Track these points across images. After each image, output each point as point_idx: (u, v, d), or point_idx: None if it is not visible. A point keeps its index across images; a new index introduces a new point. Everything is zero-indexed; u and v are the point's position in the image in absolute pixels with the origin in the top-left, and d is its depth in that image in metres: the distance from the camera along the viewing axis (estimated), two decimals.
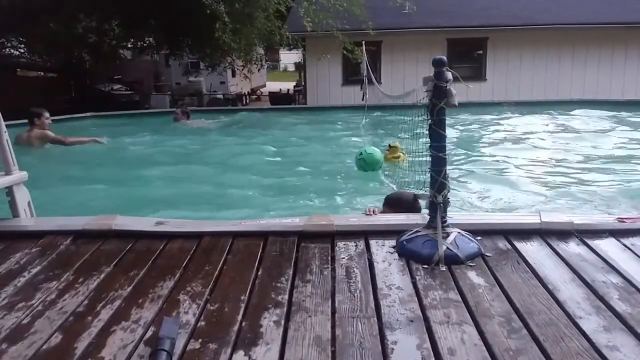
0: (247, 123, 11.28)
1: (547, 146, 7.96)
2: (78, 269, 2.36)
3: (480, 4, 17.66)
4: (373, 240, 2.57)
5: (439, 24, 16.25)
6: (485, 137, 8.97)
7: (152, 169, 6.66)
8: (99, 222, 2.77)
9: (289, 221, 2.83)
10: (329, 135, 9.51)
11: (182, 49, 16.48)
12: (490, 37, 16.41)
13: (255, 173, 6.48)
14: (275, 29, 14.67)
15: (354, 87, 13.64)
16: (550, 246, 2.48)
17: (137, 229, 2.74)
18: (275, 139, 9.09)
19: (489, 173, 6.31)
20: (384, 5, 15.40)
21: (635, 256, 2.36)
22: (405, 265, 2.31)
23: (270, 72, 40.09)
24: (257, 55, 17.74)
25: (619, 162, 6.79)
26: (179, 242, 2.61)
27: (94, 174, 6.44)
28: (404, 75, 15.62)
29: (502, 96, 14.75)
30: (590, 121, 10.05)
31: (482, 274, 2.21)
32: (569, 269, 2.24)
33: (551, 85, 15.60)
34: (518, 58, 16.25)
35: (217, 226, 2.82)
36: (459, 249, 2.34)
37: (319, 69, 16.56)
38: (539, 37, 15.99)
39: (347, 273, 2.24)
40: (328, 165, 6.92)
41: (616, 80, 15.82)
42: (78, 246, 2.62)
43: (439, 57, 2.33)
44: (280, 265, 2.33)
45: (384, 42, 16.24)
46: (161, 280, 2.21)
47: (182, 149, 8.17)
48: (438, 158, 2.40)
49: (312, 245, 2.53)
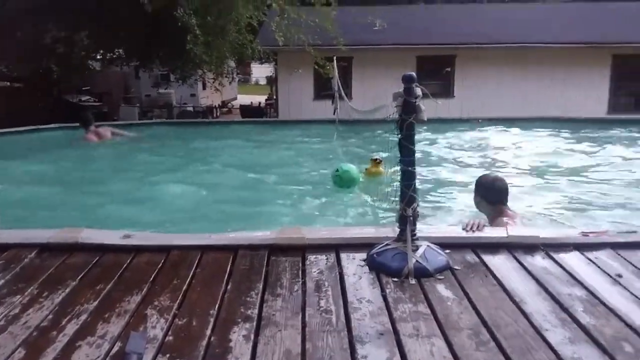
0: (204, 135, 11.23)
1: (513, 161, 8.11)
2: (43, 282, 2.30)
3: (449, 22, 18.04)
4: (344, 253, 2.58)
5: (409, 42, 16.52)
6: (453, 152, 9.10)
7: (118, 181, 6.56)
8: (64, 235, 2.71)
9: (259, 234, 2.81)
10: (301, 148, 9.53)
11: (152, 61, 16.36)
12: (458, 54, 16.73)
13: (225, 185, 6.44)
14: (247, 42, 14.70)
15: (325, 102, 13.72)
16: (517, 259, 2.52)
17: (104, 242, 2.69)
18: (246, 151, 9.07)
19: (457, 187, 6.39)
20: (355, 22, 15.57)
21: (599, 270, 2.41)
22: (375, 278, 2.32)
23: (242, 85, 39.99)
24: (228, 68, 17.74)
25: (583, 177, 6.95)
26: (147, 256, 2.58)
27: (60, 184, 6.32)
28: (375, 91, 15.74)
29: (470, 113, 15.01)
30: (555, 138, 10.29)
31: (451, 286, 2.24)
32: (535, 282, 2.29)
33: (518, 103, 15.93)
34: (485, 76, 16.58)
35: (186, 239, 2.79)
36: (428, 262, 2.36)
37: (291, 83, 16.62)
38: (505, 56, 16.37)
39: (317, 287, 2.24)
40: (299, 177, 6.92)
41: (580, 99, 16.27)
42: (43, 259, 2.56)
43: (408, 74, 2.37)
44: (250, 279, 2.31)
45: (355, 58, 16.41)
46: (128, 294, 2.17)
47: (148, 159, 8.08)
48: (408, 172, 2.43)
49: (283, 259, 2.53)
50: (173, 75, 17.43)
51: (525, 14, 19.42)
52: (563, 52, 16.19)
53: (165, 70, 18.24)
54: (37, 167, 7.45)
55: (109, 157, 8.56)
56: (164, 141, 10.26)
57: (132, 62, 18.37)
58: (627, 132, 10.75)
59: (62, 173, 7.16)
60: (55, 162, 7.79)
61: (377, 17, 16.59)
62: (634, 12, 18.57)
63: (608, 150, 8.87)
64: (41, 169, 7.34)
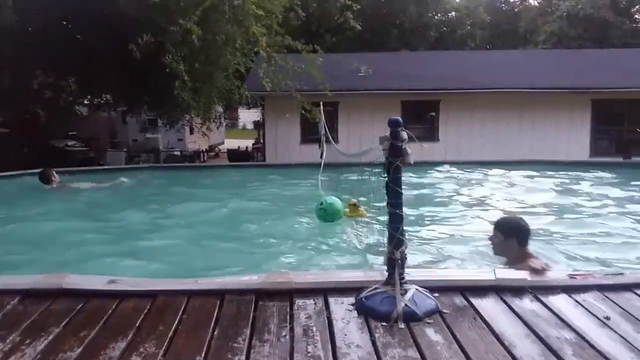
0: (190, 180, 11.23)
1: (497, 204, 8.17)
2: (25, 329, 2.25)
3: (433, 68, 18.48)
4: (332, 297, 2.56)
5: (393, 87, 16.85)
6: (439, 195, 9.16)
7: (103, 226, 6.50)
8: (48, 281, 2.67)
9: (246, 279, 2.79)
10: (287, 192, 9.54)
11: (140, 106, 16.45)
12: (443, 99, 17.08)
13: (211, 229, 6.40)
14: (234, 88, 14.89)
15: (312, 146, 13.84)
16: (505, 302, 2.52)
17: (89, 287, 2.65)
18: (232, 195, 9.05)
19: (444, 230, 6.41)
20: (341, 68, 15.94)
21: (587, 312, 2.42)
22: (364, 322, 2.30)
23: (229, 129, 40.30)
24: (216, 113, 17.89)
25: (568, 219, 7.02)
26: (132, 302, 2.54)
27: (44, 230, 6.24)
28: (361, 135, 15.97)
29: (454, 156, 15.22)
30: (539, 180, 10.43)
31: (440, 330, 2.22)
32: (524, 325, 2.28)
33: (501, 146, 16.19)
34: (469, 120, 16.90)
35: (172, 285, 2.76)
36: (417, 305, 2.35)
37: (278, 128, 16.79)
38: (488, 101, 16.74)
39: (305, 332, 2.21)
40: (286, 221, 6.90)
41: (562, 142, 16.58)
42: (26, 306, 2.51)
43: (394, 118, 2.42)
44: (237, 325, 2.28)
45: (341, 102, 16.67)
46: (113, 341, 2.13)
47: (133, 204, 8.03)
48: (395, 215, 2.45)
49: (270, 304, 2.50)
50: (161, 120, 17.52)
51: (507, 60, 20.01)
52: (544, 97, 16.60)
53: (153, 115, 18.34)
54: (20, 212, 7.37)
55: (93, 202, 8.48)
56: (150, 186, 10.24)
57: (120, 107, 18.47)
58: (609, 174, 10.94)
59: (46, 218, 7.07)
60: (38, 207, 7.71)
61: (363, 64, 17.00)
62: (610, 58, 19.23)
63: (592, 193, 8.99)
64: (25, 214, 7.26)
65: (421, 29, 32.08)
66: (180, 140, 21.96)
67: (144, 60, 10.88)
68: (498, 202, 8.33)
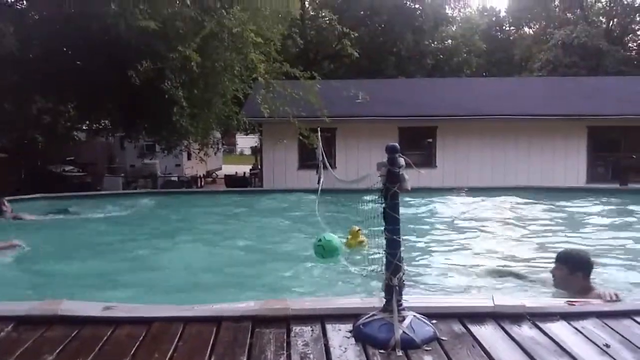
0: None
1: (495, 230, 8.17)
2: (19, 357, 2.22)
3: (429, 95, 18.64)
4: (329, 324, 2.54)
5: (391, 113, 16.97)
6: (437, 222, 9.16)
7: (98, 252, 6.47)
8: (44, 307, 2.64)
9: (242, 305, 2.77)
10: (285, 217, 9.53)
11: (138, 132, 16.51)
12: (439, 126, 17.17)
13: (208, 255, 6.37)
14: (232, 114, 14.99)
15: (309, 171, 13.87)
16: (503, 329, 2.50)
17: (84, 314, 2.62)
18: (229, 220, 9.03)
19: (442, 257, 6.39)
20: (338, 95, 16.06)
21: (585, 339, 2.40)
22: (362, 350, 2.28)
23: (227, 155, 40.40)
24: (213, 139, 17.96)
25: (566, 245, 7.00)
26: (128, 328, 2.51)
27: (40, 255, 6.21)
28: (358, 161, 16.03)
29: (452, 182, 15.25)
30: (535, 206, 10.44)
31: (439, 358, 2.20)
32: (522, 352, 2.26)
33: (498, 172, 16.25)
34: (466, 146, 16.97)
35: (168, 311, 2.73)
36: (415, 332, 2.33)
37: (275, 153, 16.84)
38: (484, 127, 16.83)
39: (302, 359, 2.18)
40: (283, 247, 6.88)
41: (559, 169, 16.65)
42: (20, 333, 2.48)
43: (392, 144, 2.42)
44: (233, 352, 2.26)
45: (338, 129, 16.76)
46: None
47: (129, 230, 8.01)
48: (393, 241, 2.44)
49: (267, 331, 2.48)
50: (158, 146, 17.57)
51: (503, 87, 20.21)
52: (540, 123, 16.71)
53: (151, 140, 18.39)
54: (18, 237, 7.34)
55: (93, 228, 8.45)
56: (147, 211, 10.22)
57: (118, 132, 18.53)
58: (606, 201, 10.96)
59: (43, 244, 7.03)
60: (35, 233, 7.68)
61: (360, 90, 17.16)
62: (605, 86, 19.43)
63: (590, 219, 9.00)
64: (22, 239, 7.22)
65: (418, 56, 32.45)
66: (177, 165, 22.00)
67: (143, 86, 10.97)
68: (495, 228, 8.33)
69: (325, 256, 5.91)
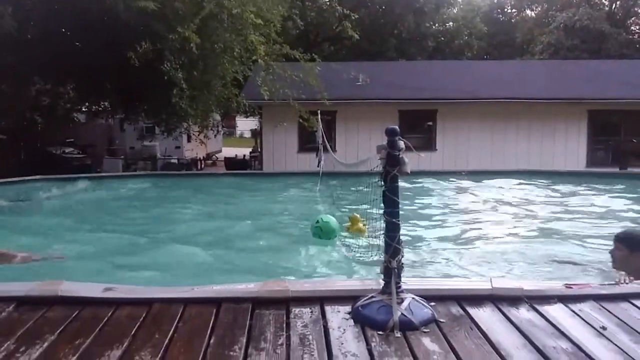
0: (189, 187, 11.19)
1: (495, 213, 8.19)
2: (20, 337, 2.23)
3: (430, 78, 18.55)
4: (328, 306, 2.55)
5: (391, 96, 16.90)
6: (436, 205, 9.17)
7: (99, 233, 6.49)
8: (44, 288, 2.65)
9: (242, 287, 2.78)
10: (284, 200, 9.54)
11: (138, 114, 16.47)
12: (440, 109, 17.12)
13: (208, 237, 6.39)
14: (232, 96, 14.93)
15: (309, 154, 13.86)
16: (501, 312, 2.51)
17: (84, 295, 2.63)
18: (229, 203, 9.05)
19: (441, 239, 6.42)
20: (338, 77, 15.98)
21: (583, 322, 2.41)
22: (360, 331, 2.29)
23: (227, 138, 40.32)
24: (213, 122, 17.92)
25: (563, 229, 7.03)
26: (128, 309, 2.52)
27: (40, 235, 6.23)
28: (358, 144, 16.02)
29: (451, 166, 15.26)
30: (535, 190, 10.46)
31: (437, 340, 2.22)
32: (520, 334, 2.27)
33: (498, 156, 16.24)
34: (466, 130, 16.94)
35: (168, 293, 2.74)
36: (413, 314, 2.35)
37: (275, 136, 16.81)
38: (485, 110, 16.79)
39: (302, 340, 2.20)
40: (283, 229, 6.90)
41: (559, 152, 16.64)
42: (21, 313, 2.49)
43: (392, 127, 2.41)
44: (233, 333, 2.27)
45: (338, 111, 16.71)
46: (108, 349, 2.11)
47: (129, 212, 8.02)
48: (392, 224, 2.44)
49: (267, 312, 2.49)
50: (158, 128, 17.53)
51: (504, 70, 20.11)
52: (541, 107, 16.66)
53: (151, 122, 18.36)
54: (16, 218, 7.36)
55: (91, 208, 8.47)
56: (147, 193, 10.22)
57: (118, 114, 18.48)
58: (605, 185, 10.97)
59: (42, 224, 7.06)
60: (35, 214, 7.70)
61: (360, 73, 17.07)
62: (607, 69, 19.32)
63: (589, 203, 9.02)
64: (21, 220, 7.25)
65: (419, 38, 32.21)
66: (177, 148, 21.98)
67: (142, 68, 10.91)
68: (495, 212, 8.35)
69: (323, 237, 5.93)
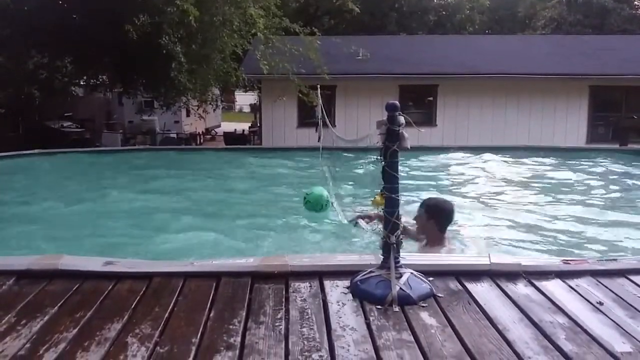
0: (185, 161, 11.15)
1: (495, 189, 8.19)
2: (21, 310, 2.25)
3: (431, 53, 18.39)
4: (327, 280, 2.57)
5: (391, 71, 16.77)
6: (435, 180, 9.18)
7: (98, 207, 6.51)
8: (44, 262, 2.67)
9: (242, 261, 2.79)
10: (284, 175, 9.54)
11: (136, 88, 16.37)
12: (440, 84, 17.01)
13: (208, 212, 6.41)
14: (231, 70, 14.82)
15: (309, 129, 13.81)
16: (499, 287, 2.53)
17: (85, 269, 2.65)
18: (229, 178, 9.04)
19: None
20: (338, 51, 15.84)
21: (580, 297, 2.43)
22: (359, 306, 2.31)
23: (226, 112, 40.14)
24: (212, 96, 17.81)
25: (562, 205, 7.05)
26: (128, 283, 2.54)
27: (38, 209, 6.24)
28: (357, 119, 15.95)
29: (451, 141, 15.22)
30: (535, 166, 10.45)
31: (435, 314, 2.24)
32: (517, 309, 2.29)
33: (498, 132, 16.19)
34: (466, 105, 16.86)
35: (168, 266, 2.76)
36: (411, 289, 2.36)
37: (275, 111, 16.72)
38: (486, 86, 16.69)
39: (301, 314, 2.22)
40: (282, 204, 6.91)
41: (559, 128, 16.60)
42: (21, 287, 2.51)
43: (392, 102, 2.39)
44: (232, 307, 2.29)
45: (338, 86, 16.60)
46: (109, 322, 2.13)
47: (128, 186, 8.02)
48: (391, 199, 2.44)
49: (266, 286, 2.51)
50: (157, 102, 17.44)
51: (506, 45, 19.91)
52: (542, 82, 16.56)
53: (149, 96, 18.27)
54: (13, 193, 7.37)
55: (89, 182, 8.47)
56: (147, 168, 10.21)
57: (116, 88, 18.36)
58: (606, 161, 10.95)
59: (38, 198, 7.06)
60: (33, 188, 7.70)
61: (361, 47, 16.90)
62: (609, 45, 19.14)
63: (588, 179, 9.02)
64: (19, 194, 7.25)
65: (420, 12, 31.81)
66: (176, 122, 21.90)
67: (140, 42, 10.80)
68: (494, 187, 8.35)
69: (316, 208, 5.83)
